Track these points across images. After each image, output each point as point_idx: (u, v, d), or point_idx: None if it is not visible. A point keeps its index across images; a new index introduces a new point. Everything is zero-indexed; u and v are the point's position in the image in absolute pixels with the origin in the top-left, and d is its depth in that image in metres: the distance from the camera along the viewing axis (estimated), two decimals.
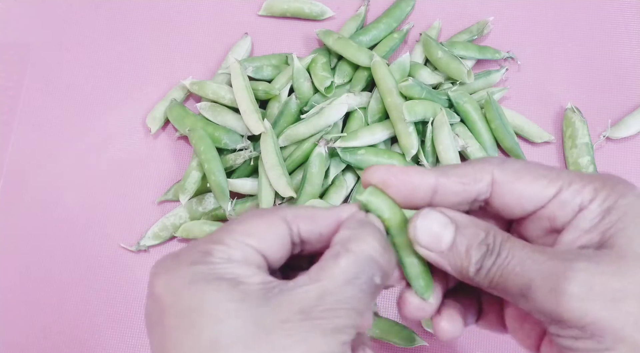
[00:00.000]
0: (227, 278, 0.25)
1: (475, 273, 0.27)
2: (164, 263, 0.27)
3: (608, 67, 0.59)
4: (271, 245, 0.27)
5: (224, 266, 0.26)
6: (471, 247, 0.27)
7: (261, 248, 0.27)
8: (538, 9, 0.61)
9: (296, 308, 0.24)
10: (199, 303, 0.25)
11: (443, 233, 0.27)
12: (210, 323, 0.24)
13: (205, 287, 0.25)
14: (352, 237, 0.27)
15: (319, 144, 0.52)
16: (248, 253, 0.27)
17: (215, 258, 0.26)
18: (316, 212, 0.29)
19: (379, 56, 0.55)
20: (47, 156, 0.59)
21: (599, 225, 0.26)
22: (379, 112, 0.55)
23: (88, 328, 0.54)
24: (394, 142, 0.56)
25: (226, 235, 0.27)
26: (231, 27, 0.62)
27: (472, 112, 0.54)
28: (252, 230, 0.27)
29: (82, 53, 0.62)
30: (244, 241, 0.27)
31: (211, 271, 0.25)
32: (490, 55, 0.58)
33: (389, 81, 0.53)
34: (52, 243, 0.56)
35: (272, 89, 0.56)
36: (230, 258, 0.26)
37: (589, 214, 0.26)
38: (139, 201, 0.57)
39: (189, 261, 0.26)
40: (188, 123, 0.56)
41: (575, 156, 0.54)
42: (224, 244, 0.26)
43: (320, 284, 0.25)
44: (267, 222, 0.28)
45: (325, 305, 0.25)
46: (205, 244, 0.27)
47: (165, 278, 0.26)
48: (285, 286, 0.25)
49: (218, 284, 0.25)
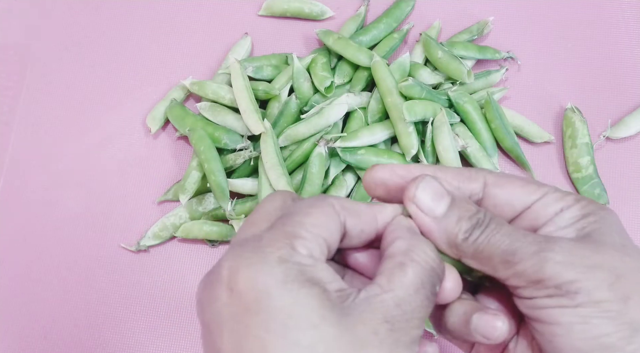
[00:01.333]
0: (317, 282, 0.25)
1: (463, 241, 0.28)
2: (244, 255, 0.26)
3: (608, 67, 0.59)
4: (334, 235, 0.28)
5: (312, 269, 0.26)
6: (462, 218, 0.28)
7: (329, 239, 0.27)
8: (538, 9, 0.61)
9: (380, 318, 0.25)
10: (294, 306, 0.24)
11: (440, 199, 0.29)
12: (306, 328, 0.24)
13: (300, 290, 0.24)
14: (412, 247, 0.27)
15: (319, 144, 0.52)
16: (323, 247, 0.27)
17: (301, 255, 0.26)
18: (360, 207, 0.29)
19: (379, 56, 0.55)
20: (47, 156, 0.59)
21: (576, 224, 0.28)
22: (379, 112, 0.55)
23: (88, 328, 0.54)
24: (394, 142, 0.56)
25: (300, 228, 0.27)
26: (231, 27, 0.62)
27: (472, 112, 0.54)
28: (319, 220, 0.27)
29: (82, 53, 0.63)
30: (317, 233, 0.27)
31: (302, 272, 0.25)
32: (490, 55, 0.58)
33: (389, 80, 0.53)
34: (52, 243, 0.56)
35: (272, 89, 0.56)
36: (312, 254, 0.26)
37: (569, 214, 0.29)
38: (139, 201, 0.57)
39: (277, 256, 0.25)
40: (188, 123, 0.56)
41: (575, 156, 0.54)
42: (303, 237, 0.26)
43: (395, 294, 0.26)
44: (325, 211, 0.28)
45: (405, 315, 0.25)
46: (285, 238, 0.26)
47: (251, 273, 0.25)
48: (359, 295, 0.26)
49: (311, 288, 0.25)
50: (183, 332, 0.54)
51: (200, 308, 0.27)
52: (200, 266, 0.55)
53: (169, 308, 0.54)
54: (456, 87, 0.55)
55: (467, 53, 0.57)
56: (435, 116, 0.53)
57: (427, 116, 0.52)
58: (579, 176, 0.54)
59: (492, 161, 0.54)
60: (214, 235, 0.54)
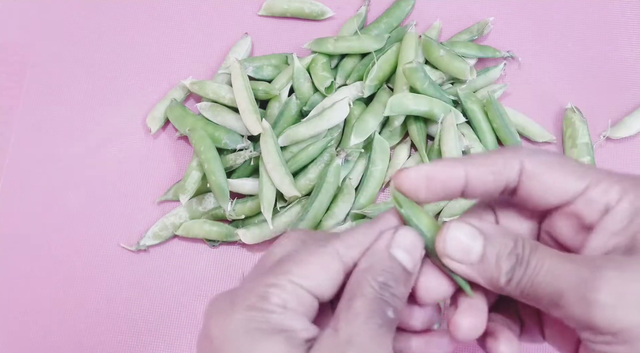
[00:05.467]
0: (280, 330, 0.26)
1: (506, 284, 0.27)
2: (219, 303, 0.27)
3: (608, 67, 0.59)
4: (325, 284, 0.28)
5: (280, 317, 0.26)
6: (501, 258, 0.27)
7: (315, 289, 0.27)
8: (538, 9, 0.61)
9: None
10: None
11: (472, 244, 0.27)
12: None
13: (260, 338, 0.25)
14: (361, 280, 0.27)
15: (339, 156, 0.52)
16: (302, 298, 0.27)
17: (272, 304, 0.26)
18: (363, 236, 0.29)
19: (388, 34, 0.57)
20: (47, 156, 0.59)
21: (627, 228, 0.26)
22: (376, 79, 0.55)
23: (88, 328, 0.54)
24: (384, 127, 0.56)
25: (283, 277, 0.27)
26: (231, 27, 0.62)
27: (478, 113, 0.55)
28: (308, 270, 0.27)
29: (82, 53, 0.62)
30: (300, 283, 0.27)
31: (267, 321, 0.26)
32: (490, 53, 0.58)
33: (410, 54, 0.54)
34: (52, 243, 0.56)
35: (272, 89, 0.56)
36: (285, 305, 0.26)
37: (618, 215, 0.26)
38: (139, 201, 0.57)
39: (245, 305, 0.26)
40: (188, 123, 0.56)
41: (575, 156, 0.54)
42: (280, 287, 0.27)
43: (341, 333, 0.26)
44: (322, 261, 0.28)
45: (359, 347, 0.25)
46: (261, 286, 0.27)
47: (220, 321, 0.26)
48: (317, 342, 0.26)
49: (271, 337, 0.25)
50: (183, 332, 0.54)
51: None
52: (200, 267, 0.55)
53: (169, 308, 0.54)
54: (465, 86, 0.55)
55: (468, 51, 0.57)
56: (430, 112, 0.53)
57: (420, 110, 0.53)
58: None
59: None
60: (214, 234, 0.54)
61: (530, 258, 0.26)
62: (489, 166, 0.28)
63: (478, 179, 0.28)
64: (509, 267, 0.26)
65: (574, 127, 0.55)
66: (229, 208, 0.52)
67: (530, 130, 0.56)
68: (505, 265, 0.26)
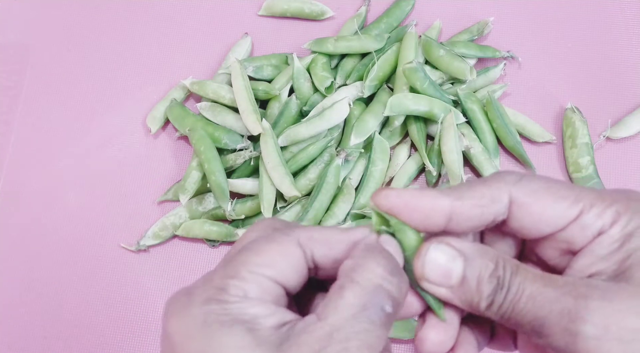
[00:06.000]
0: (242, 321, 0.24)
1: (487, 308, 0.25)
2: (176, 300, 0.26)
3: (608, 67, 0.59)
4: (288, 272, 0.26)
5: (239, 306, 0.24)
6: (482, 281, 0.25)
7: (278, 277, 0.26)
8: (538, 9, 0.61)
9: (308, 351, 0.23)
10: (211, 348, 0.24)
11: (452, 267, 0.26)
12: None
13: (219, 330, 0.24)
14: (356, 266, 0.25)
15: (339, 156, 0.52)
16: (265, 286, 0.25)
17: (230, 295, 0.25)
18: (331, 235, 0.27)
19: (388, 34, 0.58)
20: (47, 156, 0.59)
21: (616, 253, 0.25)
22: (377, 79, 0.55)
23: (88, 328, 0.54)
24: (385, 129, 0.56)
25: (242, 267, 0.25)
26: (231, 27, 0.62)
27: (478, 113, 0.55)
28: (268, 259, 0.26)
29: (82, 53, 0.62)
30: (260, 272, 0.25)
31: (225, 312, 0.24)
32: (491, 53, 0.58)
33: (410, 54, 0.55)
34: (52, 243, 0.56)
35: (272, 89, 0.56)
36: (246, 294, 0.25)
37: (608, 239, 0.25)
38: (139, 201, 0.57)
39: (203, 298, 0.25)
40: (188, 123, 0.56)
41: (575, 156, 0.54)
42: (240, 278, 0.25)
43: (327, 322, 0.24)
44: (282, 248, 0.26)
45: (339, 344, 0.23)
46: (220, 278, 0.25)
47: (178, 317, 0.25)
48: (294, 328, 0.24)
49: (231, 328, 0.24)
50: None
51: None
52: (200, 266, 0.55)
53: None
54: (465, 86, 0.55)
55: (468, 51, 0.57)
56: (429, 112, 0.53)
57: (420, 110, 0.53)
58: (579, 176, 0.54)
59: (494, 163, 0.54)
60: (214, 234, 0.54)
61: (511, 283, 0.25)
62: (476, 199, 0.26)
63: (464, 212, 0.26)
64: (490, 291, 0.25)
65: (574, 127, 0.55)
66: (229, 208, 0.52)
67: (530, 130, 0.56)
68: (487, 289, 0.25)
